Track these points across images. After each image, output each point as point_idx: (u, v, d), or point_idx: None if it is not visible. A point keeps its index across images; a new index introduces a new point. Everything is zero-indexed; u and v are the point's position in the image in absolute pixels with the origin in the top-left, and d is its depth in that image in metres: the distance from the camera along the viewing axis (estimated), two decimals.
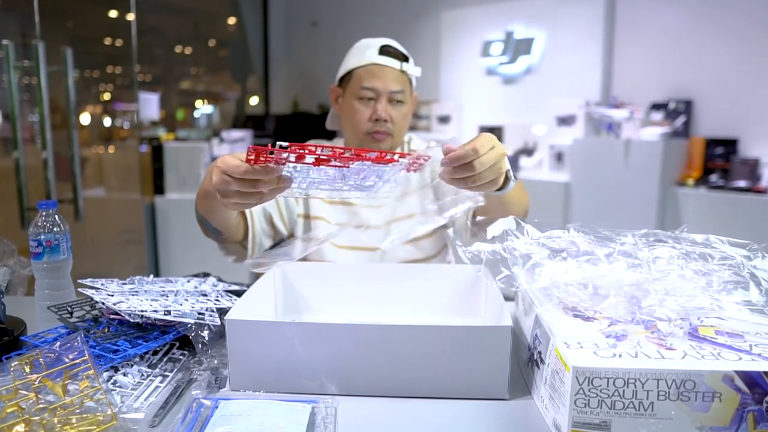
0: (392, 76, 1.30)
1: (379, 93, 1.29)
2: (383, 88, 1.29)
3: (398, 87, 1.30)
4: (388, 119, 1.30)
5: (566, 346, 0.69)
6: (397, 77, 1.30)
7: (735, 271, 0.79)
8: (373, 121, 1.30)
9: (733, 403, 0.64)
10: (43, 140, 2.16)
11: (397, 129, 1.33)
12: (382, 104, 1.29)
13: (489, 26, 4.66)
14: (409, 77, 1.34)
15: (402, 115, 1.33)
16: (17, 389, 0.72)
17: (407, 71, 1.32)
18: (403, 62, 1.31)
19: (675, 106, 3.76)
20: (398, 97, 1.30)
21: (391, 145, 1.34)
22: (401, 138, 1.37)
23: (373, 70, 1.29)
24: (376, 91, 1.29)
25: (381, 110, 1.29)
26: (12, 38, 2.21)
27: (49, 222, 1.03)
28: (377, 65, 1.29)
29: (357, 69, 1.31)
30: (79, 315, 0.96)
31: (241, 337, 0.80)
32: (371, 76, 1.29)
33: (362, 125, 1.32)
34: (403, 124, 1.34)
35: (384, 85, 1.29)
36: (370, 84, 1.29)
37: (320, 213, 1.38)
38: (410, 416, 0.76)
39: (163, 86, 5.59)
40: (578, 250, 0.83)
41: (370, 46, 1.32)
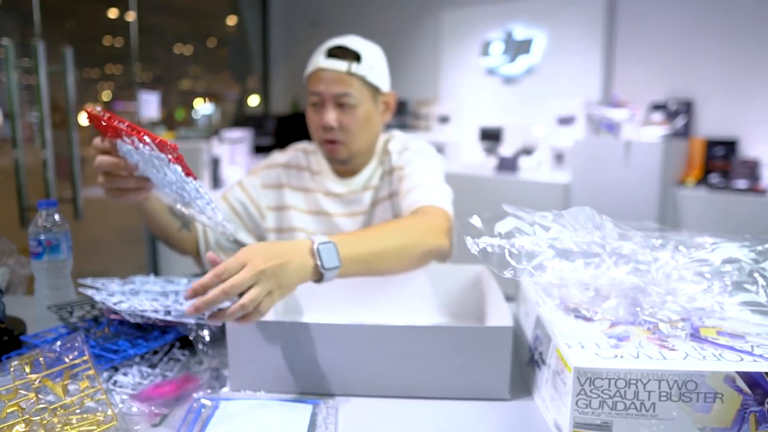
0: (336, 79, 1.22)
1: (323, 98, 1.24)
2: (326, 92, 1.23)
3: (342, 89, 1.22)
4: (335, 125, 1.24)
5: (568, 347, 0.69)
6: (343, 80, 1.22)
7: (739, 273, 0.79)
8: (322, 129, 1.26)
9: (734, 404, 0.64)
10: (43, 139, 2.16)
11: (351, 136, 1.26)
12: (327, 110, 1.24)
13: (489, 26, 4.66)
14: (361, 78, 1.24)
15: (355, 119, 1.24)
16: (17, 389, 0.72)
17: (357, 72, 1.23)
18: (353, 63, 1.23)
19: (675, 107, 3.76)
20: (345, 100, 1.22)
21: (349, 154, 1.28)
22: (362, 143, 1.29)
23: (319, 75, 1.24)
24: (320, 95, 1.24)
25: (326, 117, 1.23)
26: (12, 37, 2.21)
27: (49, 221, 1.02)
28: (322, 69, 1.23)
29: (309, 75, 1.27)
30: (79, 315, 0.96)
31: (241, 337, 0.80)
32: (316, 81, 1.24)
33: (315, 134, 1.28)
34: (359, 128, 1.26)
35: (327, 88, 1.22)
36: (315, 89, 1.24)
37: (298, 224, 1.35)
38: (411, 417, 0.76)
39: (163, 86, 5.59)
40: (583, 251, 0.83)
41: (320, 50, 1.27)
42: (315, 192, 1.36)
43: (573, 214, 0.80)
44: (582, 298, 0.81)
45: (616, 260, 0.81)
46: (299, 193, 1.37)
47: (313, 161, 1.39)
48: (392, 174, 1.32)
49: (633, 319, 0.78)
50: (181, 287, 1.05)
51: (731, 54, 3.61)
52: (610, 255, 0.82)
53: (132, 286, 1.02)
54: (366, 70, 1.24)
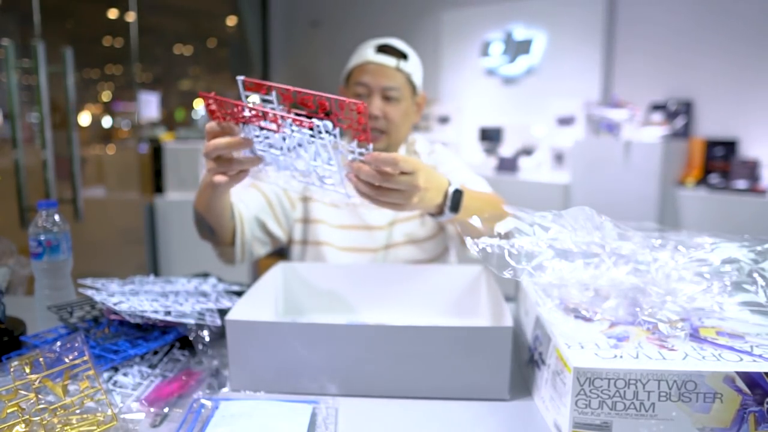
0: (385, 73, 1.29)
1: (371, 89, 1.29)
2: (375, 84, 1.28)
3: (391, 83, 1.29)
4: (380, 116, 1.29)
5: (567, 347, 0.69)
6: (392, 74, 1.29)
7: (738, 273, 0.79)
8: None
9: (734, 404, 0.64)
10: (43, 140, 2.16)
11: (393, 127, 1.31)
12: (374, 100, 1.29)
13: (489, 27, 4.66)
14: (407, 75, 1.32)
15: (399, 112, 1.31)
16: (17, 389, 0.72)
17: (404, 69, 1.31)
18: (401, 60, 1.31)
19: (675, 107, 3.76)
20: (392, 93, 1.29)
21: (388, 144, 1.33)
22: (400, 137, 1.36)
23: (367, 68, 1.30)
24: (368, 86, 1.29)
25: (373, 106, 1.28)
26: (12, 38, 2.21)
27: (49, 222, 1.02)
28: (371, 63, 1.29)
29: (355, 68, 1.32)
30: (79, 315, 0.96)
31: (241, 337, 0.80)
32: (364, 73, 1.29)
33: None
34: (400, 122, 1.32)
35: (376, 81, 1.28)
36: (363, 80, 1.29)
37: (320, 216, 1.37)
38: (411, 417, 0.76)
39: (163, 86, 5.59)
40: (582, 252, 0.83)
41: (368, 45, 1.33)
42: None
43: (573, 214, 0.80)
44: (582, 298, 0.81)
45: (616, 260, 0.81)
46: None
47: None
48: None
49: (633, 319, 0.78)
50: (179, 286, 1.05)
51: (731, 54, 3.61)
52: (610, 255, 0.82)
53: (132, 286, 1.02)
54: (412, 68, 1.33)
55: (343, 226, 1.36)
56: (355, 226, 1.36)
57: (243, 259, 1.28)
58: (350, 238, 1.36)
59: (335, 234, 1.36)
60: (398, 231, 1.36)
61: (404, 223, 1.36)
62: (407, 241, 1.36)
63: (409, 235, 1.36)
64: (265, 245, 1.34)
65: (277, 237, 1.35)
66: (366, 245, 1.35)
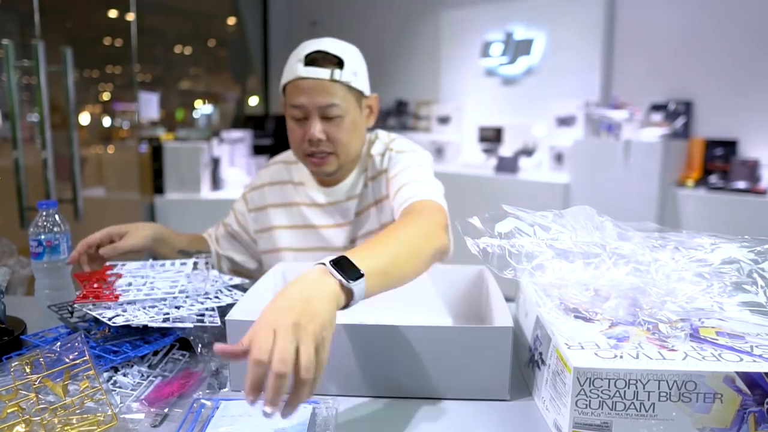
0: (320, 89, 1.14)
1: (307, 110, 1.16)
2: (311, 104, 1.15)
3: (329, 100, 1.14)
4: (323, 137, 1.16)
5: (567, 347, 0.69)
6: (327, 89, 1.14)
7: (738, 273, 0.79)
8: (308, 141, 1.18)
9: (734, 405, 0.64)
10: (43, 140, 2.16)
11: (341, 147, 1.19)
12: (313, 123, 1.16)
13: (489, 27, 4.66)
14: (346, 84, 1.16)
15: (343, 130, 1.18)
16: (17, 389, 0.72)
17: (341, 79, 1.15)
18: (335, 69, 1.15)
19: (675, 107, 3.76)
20: (332, 111, 1.15)
21: (339, 165, 1.22)
22: (351, 153, 1.23)
23: (299, 85, 1.15)
24: (304, 108, 1.16)
25: (312, 129, 1.16)
26: (12, 38, 2.21)
27: (49, 222, 1.02)
28: (302, 79, 1.15)
29: (287, 84, 1.19)
30: (79, 315, 0.96)
31: (241, 337, 0.80)
32: (298, 93, 1.15)
33: (297, 147, 1.22)
34: (348, 139, 1.19)
35: (311, 100, 1.14)
36: (297, 102, 1.16)
37: (284, 243, 1.32)
38: (411, 417, 0.76)
39: (163, 86, 5.59)
40: (583, 252, 0.83)
41: (298, 56, 1.17)
42: (299, 205, 1.32)
43: (573, 213, 0.80)
44: (582, 298, 0.81)
45: (616, 261, 0.82)
46: (281, 209, 1.34)
47: (295, 172, 1.35)
48: (376, 179, 1.28)
49: (633, 319, 0.78)
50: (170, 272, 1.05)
51: (731, 54, 3.61)
52: (610, 255, 0.82)
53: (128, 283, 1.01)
54: (349, 75, 1.16)
55: (304, 249, 1.32)
56: (317, 248, 1.31)
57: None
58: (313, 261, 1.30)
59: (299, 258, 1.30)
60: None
61: (362, 240, 1.29)
62: None
63: None
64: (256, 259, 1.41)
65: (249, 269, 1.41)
66: None
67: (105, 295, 0.92)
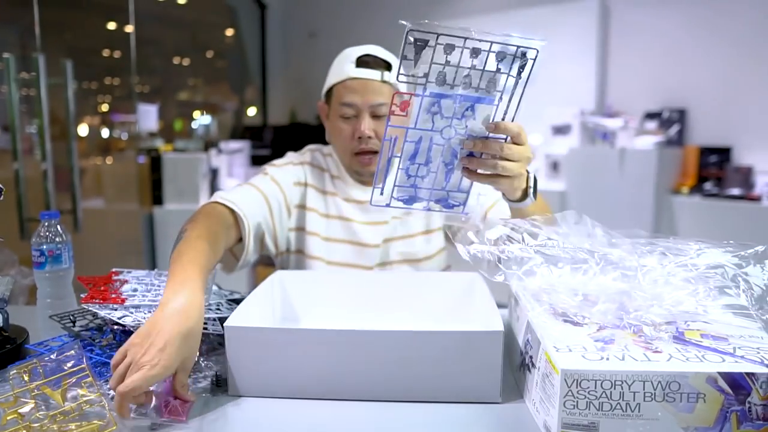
0: (372, 89, 1.21)
1: (359, 109, 1.22)
2: (363, 103, 1.21)
3: (380, 99, 1.21)
4: (372, 135, 1.22)
5: (556, 350, 0.72)
6: (378, 89, 1.21)
7: (722, 277, 0.82)
8: (357, 139, 1.23)
9: (716, 404, 0.66)
10: (43, 151, 2.18)
11: None
12: (364, 120, 1.22)
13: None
14: (394, 86, 1.23)
15: None
16: (17, 397, 0.73)
17: (390, 80, 1.23)
18: (385, 71, 1.22)
19: (669, 115, 3.80)
20: (382, 110, 1.22)
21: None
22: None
23: (351, 85, 1.22)
24: (356, 107, 1.22)
25: (363, 126, 1.21)
26: (12, 50, 2.24)
27: (51, 232, 1.05)
28: (355, 79, 1.22)
29: (336, 85, 1.25)
30: (81, 324, 0.98)
31: (240, 343, 0.82)
32: (349, 92, 1.22)
33: (347, 145, 1.26)
34: None
35: (363, 99, 1.21)
36: (349, 100, 1.22)
37: (313, 228, 1.32)
38: (405, 420, 0.78)
39: (162, 97, 5.62)
40: (571, 257, 0.85)
41: (348, 58, 1.24)
42: (335, 195, 1.33)
43: (565, 218, 0.82)
44: (571, 303, 0.83)
45: (604, 266, 0.84)
46: (320, 195, 1.34)
47: (332, 164, 1.36)
48: None
49: (620, 323, 0.80)
50: None
51: (724, 62, 3.65)
52: (598, 261, 0.84)
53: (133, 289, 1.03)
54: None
55: (333, 239, 1.32)
56: (347, 240, 1.32)
57: (240, 268, 1.26)
58: (340, 252, 1.31)
59: (325, 247, 1.31)
60: (393, 249, 1.31)
61: (399, 242, 1.32)
62: (403, 260, 1.32)
63: (405, 254, 1.32)
64: (256, 252, 1.28)
65: (267, 248, 1.29)
66: (357, 262, 1.31)
67: (111, 298, 0.94)
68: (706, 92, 3.74)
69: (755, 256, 0.81)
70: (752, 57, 3.54)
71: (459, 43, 0.79)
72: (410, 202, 0.93)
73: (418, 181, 0.91)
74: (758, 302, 0.79)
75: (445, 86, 0.82)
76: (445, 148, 0.89)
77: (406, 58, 0.79)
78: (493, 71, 0.83)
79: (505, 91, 0.86)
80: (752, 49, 3.53)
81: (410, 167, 0.90)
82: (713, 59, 3.70)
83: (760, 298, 0.79)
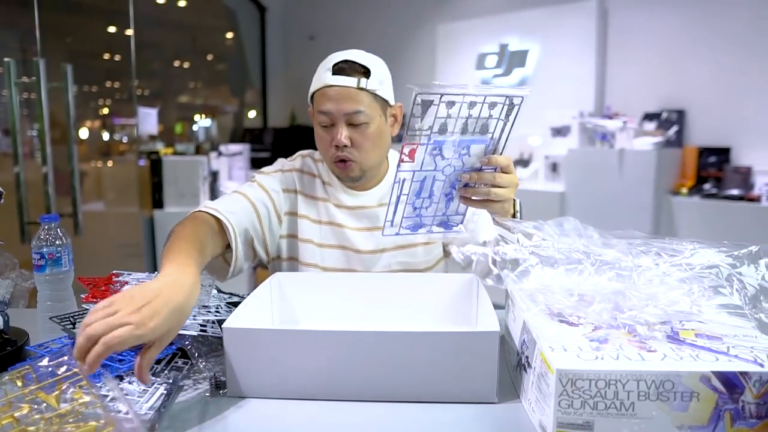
0: (347, 96, 1.19)
1: (334, 117, 1.20)
2: (337, 112, 1.19)
3: (355, 107, 1.19)
4: (348, 143, 1.21)
5: (551, 350, 0.72)
6: (354, 96, 1.19)
7: (717, 277, 0.82)
8: (334, 147, 1.23)
9: (710, 403, 0.67)
10: (43, 155, 2.19)
11: (364, 154, 1.23)
12: (339, 129, 1.20)
13: (484, 39, 4.72)
14: (372, 93, 1.20)
15: (367, 137, 1.22)
16: (11, 402, 0.73)
17: (367, 87, 1.19)
18: (362, 78, 1.20)
19: (667, 116, 3.81)
20: (358, 118, 1.19)
21: (362, 171, 1.26)
22: (373, 160, 1.27)
23: (327, 93, 1.20)
24: (331, 115, 1.20)
25: (339, 135, 1.20)
26: (13, 54, 2.26)
27: (51, 235, 1.05)
28: (331, 87, 1.20)
29: (315, 92, 1.24)
30: None
31: (238, 344, 0.83)
32: (326, 100, 1.20)
33: (326, 152, 1.26)
34: (371, 146, 1.23)
35: (338, 108, 1.19)
36: (325, 108, 1.20)
37: (307, 235, 1.31)
38: (402, 420, 0.78)
39: (162, 100, 5.64)
40: (566, 258, 0.86)
41: (326, 65, 1.23)
42: (327, 201, 1.33)
43: (558, 223, 0.83)
44: (567, 303, 0.84)
45: (599, 267, 0.85)
46: (311, 201, 1.33)
47: (323, 170, 1.36)
48: None
49: (615, 323, 0.80)
50: None
51: (722, 63, 3.66)
52: (593, 262, 0.85)
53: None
54: (375, 84, 1.21)
55: (327, 245, 1.31)
56: (339, 246, 1.31)
57: (233, 275, 1.24)
58: (334, 258, 1.30)
59: (319, 253, 1.30)
60: (386, 259, 1.30)
61: (400, 251, 1.31)
62: (403, 269, 1.31)
63: (405, 264, 1.31)
64: (248, 259, 1.27)
65: (258, 254, 1.28)
66: (352, 267, 1.30)
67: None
68: (704, 93, 3.75)
69: (749, 256, 0.82)
70: (750, 57, 3.54)
71: (459, 99, 0.92)
72: (415, 228, 1.06)
73: (423, 211, 1.05)
74: (752, 302, 0.80)
75: (446, 134, 0.96)
76: (445, 182, 1.02)
77: (414, 116, 0.92)
78: (486, 117, 0.97)
79: (495, 132, 1.00)
80: (750, 48, 3.54)
81: (416, 201, 1.03)
82: (711, 60, 3.70)
83: (754, 298, 0.80)
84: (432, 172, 0.99)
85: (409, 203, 1.02)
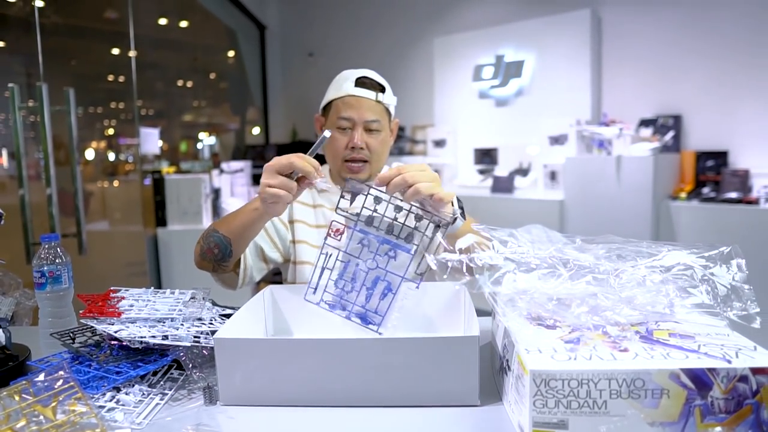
0: (367, 107, 1.37)
1: (355, 122, 1.37)
2: (359, 118, 1.37)
3: (373, 116, 1.38)
4: (364, 146, 1.37)
5: (527, 352, 0.75)
6: (373, 107, 1.38)
7: (691, 278, 0.85)
8: (350, 149, 1.38)
9: (680, 399, 0.69)
10: (47, 177, 2.24)
11: (375, 156, 1.40)
12: (358, 133, 1.37)
13: (480, 51, 4.77)
14: (385, 107, 1.41)
15: (379, 142, 1.40)
16: (8, 415, 0.76)
17: (383, 101, 1.39)
18: (379, 93, 1.39)
19: (664, 121, 3.83)
20: (374, 126, 1.38)
21: (370, 173, 1.41)
22: (380, 164, 1.44)
23: (350, 101, 1.37)
24: (352, 120, 1.37)
25: (357, 138, 1.37)
26: (17, 79, 2.31)
27: (51, 254, 1.09)
28: (353, 96, 1.37)
29: (335, 100, 1.40)
30: (81, 341, 1.02)
31: (229, 354, 0.86)
32: (348, 107, 1.37)
33: (340, 153, 1.40)
34: (380, 150, 1.41)
35: (359, 114, 1.37)
36: (347, 114, 1.37)
37: (303, 237, 1.44)
38: (389, 423, 0.81)
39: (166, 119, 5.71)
40: (543, 263, 0.89)
41: (348, 78, 1.40)
42: (323, 207, 1.46)
43: (527, 230, 0.86)
44: (545, 307, 0.86)
45: (576, 271, 0.87)
46: (308, 208, 1.47)
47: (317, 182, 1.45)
48: None
49: (591, 325, 0.83)
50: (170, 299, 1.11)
51: (716, 67, 3.69)
52: (571, 268, 0.88)
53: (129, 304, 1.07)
54: (389, 99, 1.41)
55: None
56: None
57: (243, 284, 1.36)
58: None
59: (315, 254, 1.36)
60: None
61: None
62: None
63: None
64: (261, 270, 1.41)
65: (273, 260, 1.42)
66: None
67: (108, 312, 0.99)
68: (700, 97, 3.78)
69: (721, 257, 0.85)
70: (744, 59, 3.57)
71: (386, 197, 1.00)
72: (335, 308, 1.05)
73: (344, 294, 1.05)
74: (724, 301, 0.82)
75: (372, 228, 1.01)
76: (368, 276, 1.03)
77: (344, 198, 1.01)
78: (411, 227, 1.00)
79: (420, 246, 0.99)
80: (743, 51, 3.57)
81: (338, 281, 1.05)
82: (706, 64, 3.73)
83: (726, 297, 0.82)
84: (356, 258, 1.02)
85: (332, 279, 1.04)
